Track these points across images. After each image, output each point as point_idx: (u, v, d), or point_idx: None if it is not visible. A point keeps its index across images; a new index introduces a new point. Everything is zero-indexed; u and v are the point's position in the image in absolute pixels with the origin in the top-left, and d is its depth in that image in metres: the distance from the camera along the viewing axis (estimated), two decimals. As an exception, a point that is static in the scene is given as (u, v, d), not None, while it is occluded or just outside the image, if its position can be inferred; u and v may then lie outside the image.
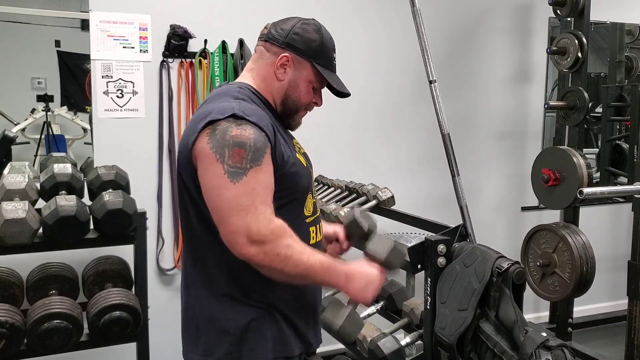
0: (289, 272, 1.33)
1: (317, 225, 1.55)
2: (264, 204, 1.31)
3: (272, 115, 1.46)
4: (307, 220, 1.50)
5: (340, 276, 1.40)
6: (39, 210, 2.28)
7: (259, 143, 1.32)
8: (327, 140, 3.32)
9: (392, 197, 2.79)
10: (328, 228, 1.67)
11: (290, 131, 1.56)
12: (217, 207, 1.32)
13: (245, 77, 1.52)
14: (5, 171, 2.54)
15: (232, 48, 3.07)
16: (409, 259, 1.49)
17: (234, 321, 1.41)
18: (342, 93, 1.53)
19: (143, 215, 2.42)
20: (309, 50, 1.47)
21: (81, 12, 2.97)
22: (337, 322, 1.42)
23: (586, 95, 3.12)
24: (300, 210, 1.47)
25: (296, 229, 1.38)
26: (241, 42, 3.03)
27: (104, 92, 2.91)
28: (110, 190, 2.38)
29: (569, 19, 3.28)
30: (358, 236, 1.60)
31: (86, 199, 2.43)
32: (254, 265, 1.33)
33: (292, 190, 1.43)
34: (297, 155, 1.48)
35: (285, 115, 1.52)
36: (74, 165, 2.57)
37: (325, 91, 1.55)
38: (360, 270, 1.44)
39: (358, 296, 1.43)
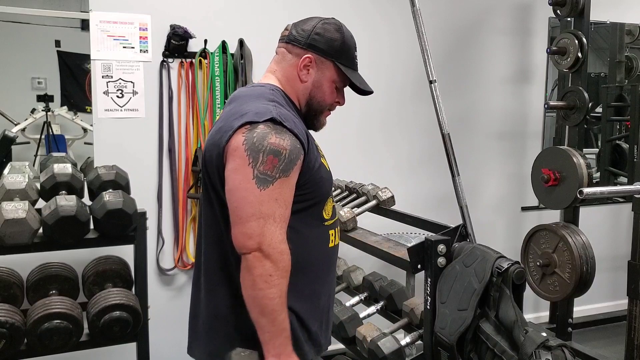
0: (260, 299, 1.31)
1: (336, 229, 1.55)
2: (282, 219, 1.32)
3: (300, 119, 1.46)
4: (326, 224, 1.50)
5: (278, 348, 1.34)
6: (39, 210, 2.28)
7: (293, 154, 1.33)
8: (327, 140, 3.30)
9: (392, 197, 2.79)
10: None
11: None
12: (238, 208, 1.32)
13: (270, 79, 1.51)
14: (5, 171, 2.54)
15: (232, 48, 3.07)
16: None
17: (245, 323, 1.40)
18: (365, 91, 1.54)
19: (143, 215, 2.42)
20: (331, 50, 1.47)
21: (81, 12, 2.97)
22: None
23: (586, 95, 3.12)
24: (321, 214, 1.48)
25: (316, 232, 1.38)
26: (241, 42, 3.04)
27: (104, 92, 2.91)
28: (110, 190, 2.38)
29: (569, 19, 3.28)
30: None
31: (86, 199, 2.43)
32: (242, 266, 1.32)
33: (316, 194, 1.44)
34: (321, 159, 1.49)
35: (310, 116, 1.52)
36: (74, 165, 2.57)
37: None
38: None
39: None
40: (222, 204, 1.40)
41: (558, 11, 3.23)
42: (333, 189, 3.07)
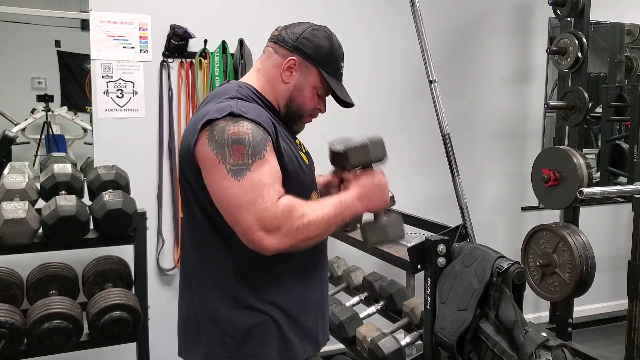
0: (315, 235, 1.35)
1: None
2: (269, 189, 1.30)
3: (272, 115, 1.46)
4: None
5: (354, 204, 1.43)
6: (39, 210, 2.28)
7: (257, 137, 1.31)
8: (327, 140, 3.32)
9: (392, 197, 2.78)
10: (320, 179, 1.64)
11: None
12: (227, 207, 1.31)
13: (251, 77, 1.51)
14: (5, 171, 2.53)
15: (232, 48, 3.07)
16: (383, 151, 1.51)
17: (235, 325, 1.41)
18: (345, 103, 1.54)
19: (143, 215, 2.42)
20: (317, 56, 1.47)
21: (81, 12, 2.97)
22: (390, 235, 1.50)
23: (586, 95, 3.12)
24: None
25: None
26: (241, 42, 3.03)
27: (104, 92, 2.91)
28: (110, 190, 2.38)
29: (569, 19, 3.28)
30: (341, 164, 1.56)
31: (86, 199, 2.43)
32: (283, 251, 1.33)
33: (297, 188, 1.43)
34: (300, 153, 1.49)
35: (289, 119, 1.52)
36: (74, 165, 2.57)
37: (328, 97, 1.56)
38: (363, 185, 1.46)
39: (380, 205, 1.48)
40: (203, 207, 1.39)
41: (558, 11, 3.23)
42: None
